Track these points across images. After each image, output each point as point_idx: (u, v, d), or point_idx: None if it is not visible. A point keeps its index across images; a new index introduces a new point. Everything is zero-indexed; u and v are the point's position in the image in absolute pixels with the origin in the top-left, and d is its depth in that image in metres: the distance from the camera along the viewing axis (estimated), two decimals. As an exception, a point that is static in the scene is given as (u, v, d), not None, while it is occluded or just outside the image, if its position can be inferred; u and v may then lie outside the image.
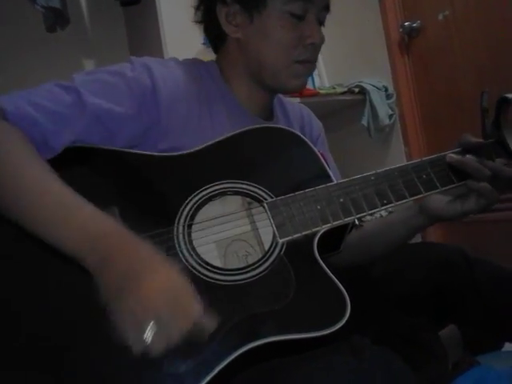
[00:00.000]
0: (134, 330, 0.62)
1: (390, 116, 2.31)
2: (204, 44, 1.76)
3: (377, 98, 2.28)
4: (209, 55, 1.05)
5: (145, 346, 0.61)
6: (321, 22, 0.97)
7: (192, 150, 0.85)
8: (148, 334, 0.61)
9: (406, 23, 2.29)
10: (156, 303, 0.63)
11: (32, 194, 0.72)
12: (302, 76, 0.97)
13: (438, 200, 0.92)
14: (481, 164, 0.88)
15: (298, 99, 2.10)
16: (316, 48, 0.96)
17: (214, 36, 1.01)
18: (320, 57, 2.59)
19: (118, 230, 0.70)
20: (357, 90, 2.32)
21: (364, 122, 2.30)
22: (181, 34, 1.93)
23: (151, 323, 0.61)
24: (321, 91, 2.29)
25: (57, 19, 2.02)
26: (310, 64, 0.97)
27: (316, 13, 0.94)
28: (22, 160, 0.74)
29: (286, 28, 0.92)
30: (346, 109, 2.46)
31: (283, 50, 0.93)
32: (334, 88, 2.36)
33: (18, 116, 0.77)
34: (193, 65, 0.97)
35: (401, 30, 2.32)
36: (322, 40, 0.96)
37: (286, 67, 0.94)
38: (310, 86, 2.36)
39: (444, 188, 0.88)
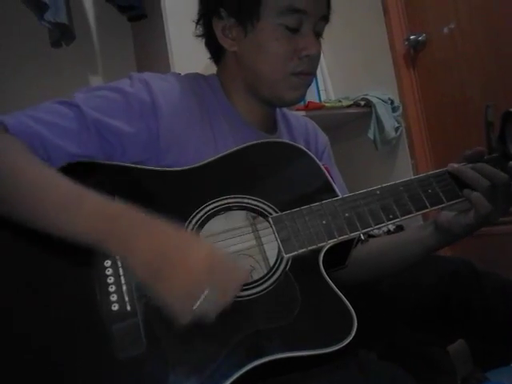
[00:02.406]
0: (187, 303, 0.65)
1: (396, 129, 2.31)
2: (211, 59, 1.76)
3: (383, 111, 2.28)
4: (216, 70, 1.05)
5: (199, 316, 0.65)
6: (318, 33, 0.96)
7: (196, 165, 0.85)
8: (202, 304, 0.64)
9: (412, 36, 2.30)
10: (205, 272, 0.65)
11: (38, 186, 0.72)
12: (299, 88, 0.95)
13: (446, 214, 0.92)
14: (477, 171, 0.87)
15: (303, 112, 2.11)
16: (312, 59, 0.94)
17: (214, 50, 1.02)
18: (326, 70, 2.61)
19: (135, 209, 0.70)
20: (363, 102, 2.32)
21: (370, 134, 2.29)
22: (188, 48, 1.93)
23: (205, 292, 0.64)
24: (326, 104, 2.29)
25: (62, 35, 2.04)
26: (307, 76, 0.95)
27: (312, 24, 0.92)
28: (23, 162, 0.75)
29: (280, 41, 0.91)
30: (351, 122, 2.46)
31: (278, 62, 0.92)
32: (339, 101, 2.36)
33: (20, 129, 0.78)
34: (193, 79, 0.98)
35: (406, 43, 2.32)
36: (318, 52, 0.94)
37: (282, 80, 0.93)
38: (315, 99, 2.36)
39: (450, 202, 0.88)
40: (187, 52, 2.00)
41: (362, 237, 1.02)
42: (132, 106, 0.85)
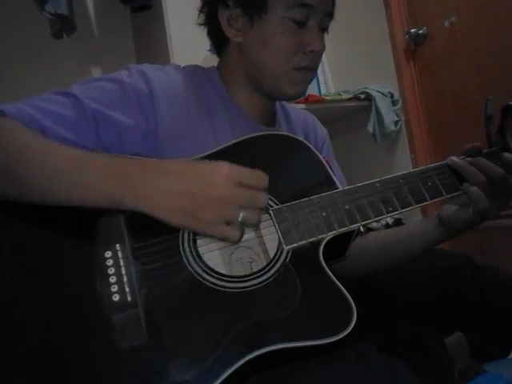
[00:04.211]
0: (232, 223, 0.68)
1: (396, 122, 2.31)
2: (210, 51, 1.76)
3: (383, 105, 2.28)
4: (215, 62, 1.05)
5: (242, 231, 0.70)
6: (323, 29, 0.96)
7: (196, 157, 0.85)
8: (242, 218, 0.68)
9: (412, 30, 2.30)
10: (231, 191, 0.68)
11: (47, 159, 0.72)
12: (300, 83, 0.95)
13: (448, 208, 0.92)
14: (474, 165, 0.87)
15: (303, 105, 2.11)
16: (316, 55, 0.94)
17: (217, 39, 1.01)
18: (326, 63, 2.61)
19: (142, 159, 0.75)
20: (362, 96, 2.32)
21: (370, 128, 2.30)
22: (187, 40, 1.94)
23: (241, 214, 0.68)
24: (326, 98, 2.30)
25: (63, 26, 2.03)
26: (310, 71, 0.96)
27: (318, 20, 0.92)
28: (29, 137, 0.75)
29: (286, 34, 0.91)
30: (351, 115, 2.46)
31: (282, 56, 0.92)
32: (339, 94, 2.36)
33: (18, 114, 0.78)
34: (192, 71, 0.97)
35: (407, 36, 2.32)
36: (323, 48, 0.94)
37: (285, 74, 0.93)
38: (315, 92, 2.36)
39: (449, 195, 0.88)
40: (187, 44, 2.00)
41: (362, 229, 1.02)
42: (129, 96, 0.85)
